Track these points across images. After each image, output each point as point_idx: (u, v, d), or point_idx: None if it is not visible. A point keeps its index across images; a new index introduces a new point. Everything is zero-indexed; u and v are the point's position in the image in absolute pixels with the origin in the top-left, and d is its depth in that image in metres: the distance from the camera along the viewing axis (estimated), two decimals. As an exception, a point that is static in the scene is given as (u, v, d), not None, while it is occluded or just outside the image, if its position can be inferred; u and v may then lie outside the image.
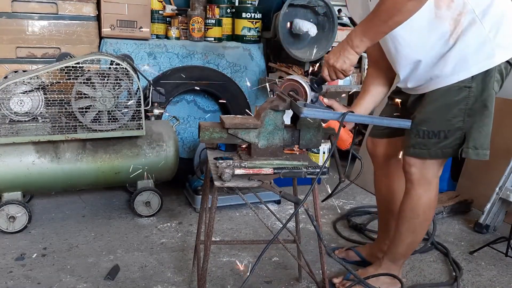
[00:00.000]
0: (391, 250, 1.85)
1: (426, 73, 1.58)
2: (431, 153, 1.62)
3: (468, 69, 1.51)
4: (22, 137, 2.17)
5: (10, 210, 2.25)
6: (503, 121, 2.85)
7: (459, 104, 1.55)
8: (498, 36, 1.49)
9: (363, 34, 1.45)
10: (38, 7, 2.59)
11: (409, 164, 1.68)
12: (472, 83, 1.52)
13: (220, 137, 1.51)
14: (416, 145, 1.64)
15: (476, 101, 1.54)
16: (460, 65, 1.51)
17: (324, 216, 2.67)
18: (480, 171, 2.90)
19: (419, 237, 1.80)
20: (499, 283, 2.03)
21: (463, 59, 1.51)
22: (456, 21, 1.48)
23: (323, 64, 1.57)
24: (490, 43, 1.49)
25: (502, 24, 1.50)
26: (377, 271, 1.89)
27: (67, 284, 1.87)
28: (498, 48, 1.50)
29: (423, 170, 1.66)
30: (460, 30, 1.49)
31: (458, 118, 1.57)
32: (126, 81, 2.26)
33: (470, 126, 1.57)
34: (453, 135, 1.59)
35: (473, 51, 1.50)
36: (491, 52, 1.50)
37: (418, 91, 1.66)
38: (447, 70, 1.53)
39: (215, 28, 3.01)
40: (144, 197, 2.48)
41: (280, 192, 1.37)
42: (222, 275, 1.99)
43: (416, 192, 1.69)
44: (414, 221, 1.73)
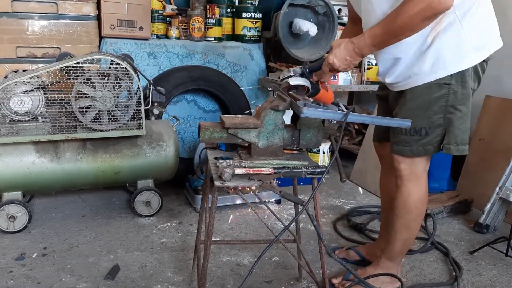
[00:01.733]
0: (388, 248, 1.87)
1: (406, 71, 1.61)
2: (413, 150, 1.66)
3: (446, 68, 1.55)
4: (22, 136, 2.17)
5: (10, 209, 2.25)
6: (503, 121, 2.85)
7: (439, 101, 1.58)
8: (475, 37, 1.54)
9: (372, 45, 1.50)
10: (38, 7, 2.59)
11: (397, 161, 1.71)
12: (451, 80, 1.56)
13: (220, 137, 1.51)
14: (399, 143, 1.67)
15: (456, 98, 1.58)
16: (438, 63, 1.54)
17: (324, 216, 2.68)
18: (480, 171, 2.90)
19: (414, 233, 1.82)
20: (499, 283, 2.03)
21: (441, 58, 1.54)
22: (437, 20, 1.50)
23: (326, 65, 1.60)
24: (467, 43, 1.53)
25: (480, 25, 1.55)
26: (376, 270, 1.89)
27: (67, 283, 1.87)
28: (475, 49, 1.55)
29: (411, 166, 1.69)
30: (439, 29, 1.52)
31: (438, 115, 1.60)
32: (126, 81, 2.26)
33: (450, 123, 1.60)
34: (434, 132, 1.62)
35: (451, 51, 1.53)
36: (468, 52, 1.54)
37: (398, 87, 1.69)
38: (425, 68, 1.56)
39: (215, 27, 3.01)
40: (144, 196, 2.48)
41: (280, 192, 1.37)
42: (222, 275, 1.99)
43: (406, 188, 1.72)
44: (407, 217, 1.75)
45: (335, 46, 1.58)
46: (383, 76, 1.70)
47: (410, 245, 1.87)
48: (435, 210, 2.64)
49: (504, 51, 3.35)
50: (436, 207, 2.66)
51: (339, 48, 1.56)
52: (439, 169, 3.12)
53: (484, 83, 1.67)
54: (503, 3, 3.00)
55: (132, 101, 2.29)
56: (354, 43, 1.53)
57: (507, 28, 3.04)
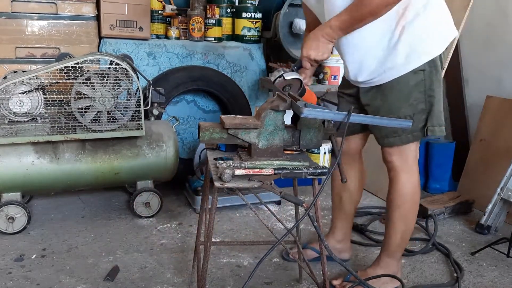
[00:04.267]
0: (387, 243, 1.89)
1: (379, 66, 1.67)
2: (403, 139, 1.71)
3: (419, 57, 1.63)
4: (21, 137, 2.16)
5: (9, 211, 2.24)
6: (503, 121, 2.85)
7: (419, 87, 1.67)
8: (439, 27, 1.66)
9: (340, 29, 1.59)
10: (37, 7, 2.58)
11: (389, 154, 1.77)
12: (425, 66, 1.65)
13: (220, 137, 1.50)
14: (388, 135, 1.73)
15: (432, 82, 1.67)
16: (411, 54, 1.63)
17: (324, 217, 2.67)
18: (481, 172, 2.90)
19: (411, 225, 1.86)
20: (501, 284, 2.02)
21: (413, 49, 1.62)
22: (401, 14, 1.59)
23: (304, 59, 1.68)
24: (433, 33, 1.64)
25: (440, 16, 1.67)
26: (376, 270, 1.90)
27: (67, 285, 1.87)
28: (440, 37, 1.67)
29: (402, 156, 1.75)
30: (404, 23, 1.60)
31: (420, 100, 1.68)
32: (125, 81, 2.26)
33: (432, 106, 1.69)
34: (419, 118, 1.69)
35: (421, 41, 1.62)
36: (436, 41, 1.66)
37: (372, 83, 1.73)
38: (399, 61, 1.63)
39: (215, 28, 3.01)
40: (143, 197, 2.48)
41: (280, 192, 1.36)
42: (222, 276, 1.98)
43: (400, 178, 1.77)
44: (404, 207, 1.80)
45: (306, 39, 1.67)
46: (355, 77, 1.75)
47: (407, 238, 1.89)
48: (436, 211, 2.63)
49: (504, 51, 3.36)
50: (437, 208, 2.65)
51: (310, 39, 1.65)
52: (440, 170, 3.11)
53: (485, 83, 1.68)
54: (503, 3, 3.00)
55: (131, 102, 2.29)
56: (321, 29, 1.62)
57: (507, 28, 3.05)
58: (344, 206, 2.06)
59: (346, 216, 2.09)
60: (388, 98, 1.70)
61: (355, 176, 2.01)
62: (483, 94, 3.00)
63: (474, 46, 3.21)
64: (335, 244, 2.08)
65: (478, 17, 3.05)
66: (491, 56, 3.09)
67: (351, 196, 2.04)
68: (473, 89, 3.23)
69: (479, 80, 3.18)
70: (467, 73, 3.27)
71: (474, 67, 3.21)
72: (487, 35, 3.10)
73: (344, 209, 2.07)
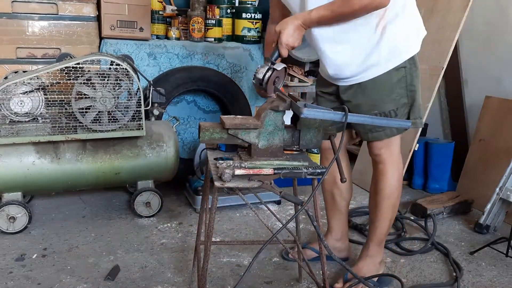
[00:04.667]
0: (375, 233, 1.93)
1: (361, 64, 1.71)
2: (387, 133, 1.78)
3: (400, 55, 1.71)
4: (22, 137, 2.17)
5: (10, 210, 2.25)
6: (503, 122, 2.85)
7: (400, 83, 1.74)
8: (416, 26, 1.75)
9: (317, 22, 1.64)
10: (38, 8, 2.59)
11: (376, 148, 1.83)
12: (406, 63, 1.73)
13: (220, 137, 1.51)
14: (373, 129, 1.78)
15: (412, 77, 1.75)
16: (393, 52, 1.70)
17: (324, 216, 2.67)
18: (480, 172, 2.90)
19: (396, 211, 1.95)
20: (500, 283, 2.03)
21: (394, 47, 1.69)
22: (381, 15, 1.64)
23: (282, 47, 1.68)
24: (412, 32, 1.74)
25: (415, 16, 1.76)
26: (366, 260, 1.93)
27: (67, 284, 1.87)
28: (417, 36, 1.76)
29: (389, 149, 1.83)
30: (385, 23, 1.66)
31: (402, 95, 1.75)
32: (126, 82, 2.26)
33: (413, 100, 1.77)
34: (401, 111, 1.76)
35: (401, 39, 1.70)
36: (414, 39, 1.75)
37: (353, 81, 1.77)
38: (382, 59, 1.70)
39: (215, 28, 3.01)
40: (144, 197, 2.48)
41: (280, 192, 1.37)
42: (222, 275, 1.99)
43: (389, 170, 1.85)
44: (393, 196, 1.88)
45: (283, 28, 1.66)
46: (336, 74, 1.78)
47: (391, 224, 1.98)
48: (435, 210, 2.64)
49: (504, 51, 3.36)
50: (436, 208, 2.66)
51: (288, 27, 1.65)
52: (440, 170, 3.12)
53: (484, 83, 1.69)
54: (503, 3, 3.01)
55: (132, 102, 2.29)
56: (299, 18, 1.65)
57: (507, 28, 3.06)
58: (337, 204, 2.08)
59: (341, 213, 2.10)
60: (371, 95, 1.75)
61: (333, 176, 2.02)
62: (483, 94, 3.01)
63: (474, 46, 3.21)
64: (334, 243, 2.09)
65: (478, 17, 3.06)
66: (490, 56, 3.09)
67: (342, 193, 2.06)
68: (472, 89, 3.24)
69: (479, 80, 3.19)
70: (466, 73, 3.27)
71: (474, 67, 3.22)
72: (487, 35, 3.11)
73: (337, 207, 2.08)
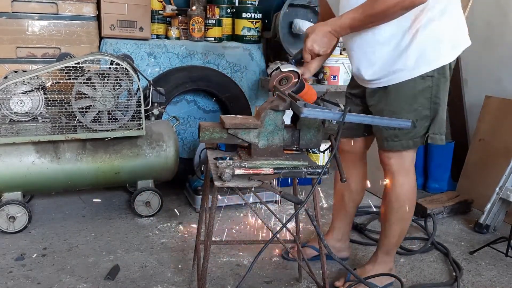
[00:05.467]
0: (384, 243, 1.90)
1: (387, 67, 1.64)
2: (403, 144, 1.71)
3: (429, 63, 1.61)
4: (22, 137, 2.17)
5: (10, 210, 2.25)
6: (503, 121, 2.85)
7: (425, 93, 1.65)
8: (452, 35, 1.63)
9: (350, 27, 1.57)
10: (38, 7, 2.59)
11: (387, 157, 1.77)
12: (434, 73, 1.63)
13: (220, 137, 1.51)
14: (389, 138, 1.72)
15: (439, 89, 1.65)
16: (421, 59, 1.60)
17: (324, 216, 2.67)
18: (480, 171, 2.90)
19: (407, 224, 1.88)
20: (499, 283, 2.03)
21: (423, 54, 1.60)
22: (416, 16, 1.56)
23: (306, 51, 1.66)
24: (446, 40, 1.62)
25: (455, 23, 1.65)
26: (374, 266, 1.92)
27: (67, 284, 1.87)
28: (452, 45, 1.64)
29: (400, 160, 1.75)
30: (419, 26, 1.57)
31: (425, 107, 1.66)
32: (126, 81, 2.26)
33: (436, 113, 1.67)
34: (421, 124, 1.67)
35: (432, 47, 1.60)
36: (447, 48, 1.63)
37: (378, 84, 1.71)
38: (409, 64, 1.61)
39: (215, 28, 3.01)
40: (144, 197, 2.49)
41: (280, 192, 1.37)
42: (222, 275, 1.99)
43: (398, 182, 1.77)
44: (401, 209, 1.80)
45: (311, 31, 1.64)
46: (359, 72, 1.73)
47: (404, 236, 1.92)
48: (435, 210, 2.64)
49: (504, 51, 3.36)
50: (436, 208, 2.66)
51: (315, 32, 1.62)
52: (439, 170, 3.12)
53: (484, 83, 1.68)
54: (503, 3, 3.01)
55: (132, 102, 2.29)
56: (329, 25, 1.60)
57: (507, 28, 3.06)
58: (345, 205, 2.07)
59: (346, 215, 2.09)
60: (393, 101, 1.67)
61: (357, 176, 2.02)
62: (482, 94, 3.01)
63: (474, 46, 3.19)
64: (334, 243, 2.09)
65: (478, 17, 3.06)
66: (490, 56, 3.09)
67: (352, 196, 2.05)
68: (472, 89, 3.24)
69: (479, 80, 3.19)
70: (466, 73, 3.27)
71: (474, 67, 3.22)
72: (486, 35, 3.10)
73: (344, 208, 2.08)
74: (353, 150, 1.98)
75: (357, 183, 2.03)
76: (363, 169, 2.03)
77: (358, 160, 2.01)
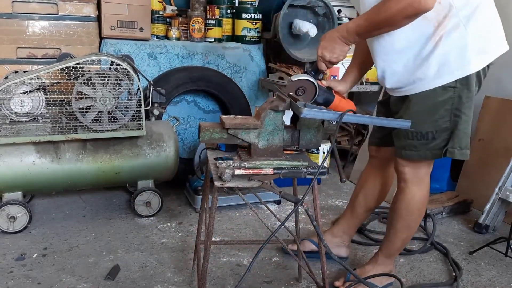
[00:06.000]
0: (387, 247, 1.89)
1: (408, 76, 1.60)
2: (421, 155, 1.65)
3: (452, 73, 1.53)
4: (23, 137, 2.17)
5: (11, 210, 2.25)
6: (502, 122, 2.86)
7: (445, 105, 1.58)
8: (480, 42, 1.53)
9: (356, 34, 1.56)
10: (38, 8, 2.59)
11: (402, 165, 1.72)
12: (456, 84, 1.55)
13: (220, 137, 1.52)
14: (406, 147, 1.67)
15: (461, 101, 1.57)
16: (443, 68, 1.53)
17: (324, 216, 2.68)
18: (479, 171, 2.91)
19: (413, 232, 1.86)
20: (499, 283, 2.03)
21: (446, 63, 1.53)
22: (440, 23, 1.50)
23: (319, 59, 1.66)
24: (472, 48, 1.52)
25: (484, 29, 1.54)
26: (374, 268, 1.91)
27: (68, 284, 1.88)
28: (479, 53, 1.53)
29: (415, 170, 1.71)
30: (442, 33, 1.50)
31: (445, 119, 1.59)
32: (126, 82, 2.27)
33: (456, 126, 1.60)
34: (441, 136, 1.61)
35: (456, 55, 1.52)
36: (473, 57, 1.53)
37: (400, 92, 1.67)
38: (430, 73, 1.55)
39: (215, 28, 3.02)
40: (144, 197, 2.49)
41: (280, 192, 1.38)
42: (222, 275, 1.99)
43: (410, 191, 1.74)
44: (409, 218, 1.78)
45: (322, 39, 1.64)
46: (382, 80, 1.70)
47: (407, 242, 1.91)
48: (435, 210, 2.64)
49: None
50: (436, 208, 2.66)
51: (325, 39, 1.62)
52: (439, 170, 3.11)
53: (484, 83, 1.67)
54: (503, 3, 3.00)
55: (132, 102, 2.30)
56: (338, 30, 1.60)
57: (507, 28, 3.06)
58: (355, 207, 2.05)
59: (353, 216, 2.08)
60: (412, 110, 1.61)
61: (375, 183, 2.00)
62: (482, 94, 3.01)
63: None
64: (331, 238, 2.09)
65: (477, 17, 3.06)
66: (490, 56, 3.09)
67: (366, 201, 2.03)
68: (472, 90, 3.24)
69: (478, 81, 3.19)
70: (466, 73, 3.27)
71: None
72: (486, 35, 3.11)
73: (354, 210, 2.06)
74: (379, 156, 1.96)
75: (373, 190, 2.00)
76: (386, 178, 1.99)
77: (383, 168, 1.98)
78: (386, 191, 2.03)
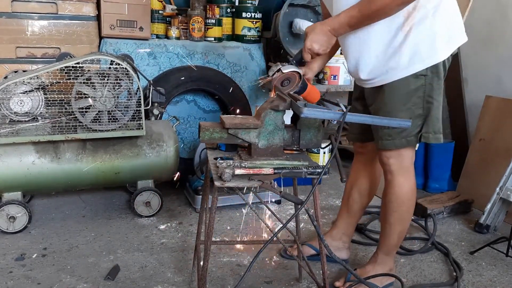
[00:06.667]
0: (384, 243, 1.90)
1: (381, 66, 1.65)
2: (396, 143, 1.70)
3: (423, 61, 1.60)
4: (22, 137, 2.17)
5: (10, 210, 2.24)
6: (503, 121, 2.85)
7: (418, 92, 1.64)
8: (446, 31, 1.61)
9: (348, 25, 1.58)
10: (38, 7, 2.59)
11: (386, 157, 1.76)
12: (427, 72, 1.62)
13: (220, 137, 1.51)
14: (383, 137, 1.71)
15: (432, 88, 1.64)
16: (414, 57, 1.59)
17: (324, 216, 2.67)
18: (480, 171, 2.90)
19: (407, 224, 1.87)
20: (500, 283, 2.03)
21: (417, 52, 1.59)
22: (409, 13, 1.55)
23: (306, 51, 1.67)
24: (440, 37, 1.59)
25: (450, 20, 1.62)
26: (374, 266, 1.91)
27: (67, 284, 1.87)
28: (446, 42, 1.62)
29: (399, 160, 1.74)
30: (412, 23, 1.56)
31: (418, 106, 1.65)
32: (126, 81, 2.26)
33: (429, 112, 1.66)
34: (415, 123, 1.65)
35: (426, 45, 1.59)
36: (441, 45, 1.61)
37: (374, 83, 1.71)
38: (403, 62, 1.60)
39: (215, 28, 3.01)
40: (144, 197, 2.48)
41: (280, 192, 1.37)
42: (222, 275, 1.99)
43: (397, 182, 1.77)
44: (401, 209, 1.80)
45: (310, 31, 1.65)
46: (356, 72, 1.73)
47: (403, 236, 1.92)
48: (436, 210, 2.64)
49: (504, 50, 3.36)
50: (437, 208, 2.66)
51: (314, 31, 1.64)
52: (440, 170, 3.12)
53: (484, 83, 1.68)
54: (503, 3, 3.01)
55: (132, 101, 2.29)
56: (328, 24, 1.61)
57: (507, 27, 3.06)
58: (351, 206, 2.07)
59: (349, 215, 2.09)
60: (387, 101, 1.67)
61: (366, 179, 2.02)
62: (483, 93, 3.01)
63: (474, 46, 3.21)
64: (331, 241, 2.09)
65: (478, 16, 3.06)
66: (490, 55, 3.09)
67: (360, 197, 2.05)
68: (472, 89, 3.24)
69: (479, 80, 3.19)
70: (466, 72, 3.27)
71: (474, 67, 3.22)
72: (486, 34, 3.10)
73: (350, 209, 2.07)
74: (365, 152, 1.99)
75: (365, 185, 2.03)
76: (374, 172, 2.02)
77: (370, 162, 2.00)
78: (376, 185, 2.06)
